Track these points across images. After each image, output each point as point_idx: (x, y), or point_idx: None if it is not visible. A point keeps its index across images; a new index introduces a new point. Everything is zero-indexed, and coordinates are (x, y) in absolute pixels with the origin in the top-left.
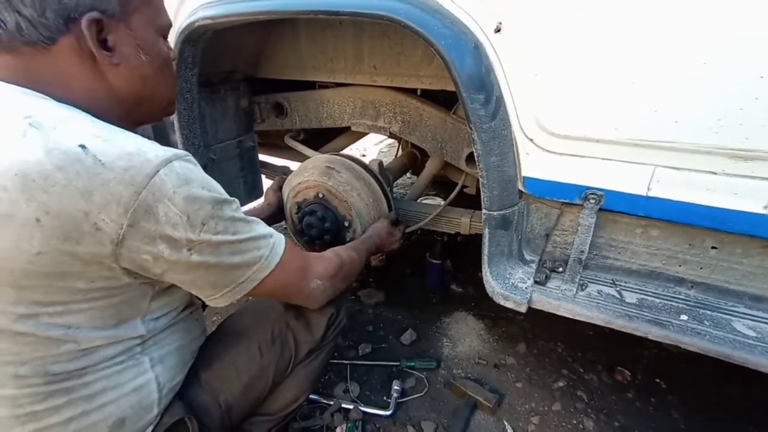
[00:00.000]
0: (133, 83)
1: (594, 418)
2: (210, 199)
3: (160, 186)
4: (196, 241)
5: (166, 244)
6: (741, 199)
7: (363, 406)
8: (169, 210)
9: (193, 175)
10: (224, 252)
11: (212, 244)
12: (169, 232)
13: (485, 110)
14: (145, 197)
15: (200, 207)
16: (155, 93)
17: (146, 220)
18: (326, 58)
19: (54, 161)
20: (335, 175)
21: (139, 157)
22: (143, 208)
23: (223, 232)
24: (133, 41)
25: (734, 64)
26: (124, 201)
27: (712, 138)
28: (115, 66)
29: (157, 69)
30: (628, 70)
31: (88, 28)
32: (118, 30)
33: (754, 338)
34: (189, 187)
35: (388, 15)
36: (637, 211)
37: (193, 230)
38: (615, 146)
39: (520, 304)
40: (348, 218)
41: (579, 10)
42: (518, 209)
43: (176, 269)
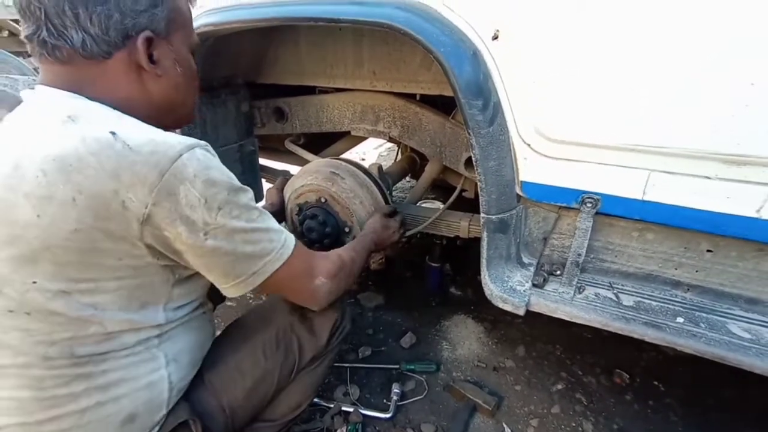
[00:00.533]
0: (168, 92)
1: (593, 420)
2: (227, 185)
3: (182, 169)
4: (212, 225)
5: (185, 225)
6: (734, 203)
7: (363, 408)
8: (189, 192)
9: (212, 162)
10: (238, 240)
11: (227, 230)
12: (188, 213)
13: (483, 116)
14: (168, 179)
15: (218, 191)
16: (184, 101)
17: (168, 200)
18: (326, 64)
19: (88, 147)
20: (339, 181)
21: (164, 144)
22: (166, 189)
23: (238, 217)
24: (172, 56)
25: (726, 71)
26: (150, 182)
27: (705, 143)
28: (158, 77)
29: (188, 80)
30: (624, 76)
31: (142, 45)
32: (162, 47)
33: (749, 340)
34: (208, 172)
35: (388, 23)
36: (633, 215)
37: (210, 213)
38: (611, 151)
39: (519, 307)
40: (349, 224)
41: (575, 18)
42: (516, 213)
43: (193, 252)
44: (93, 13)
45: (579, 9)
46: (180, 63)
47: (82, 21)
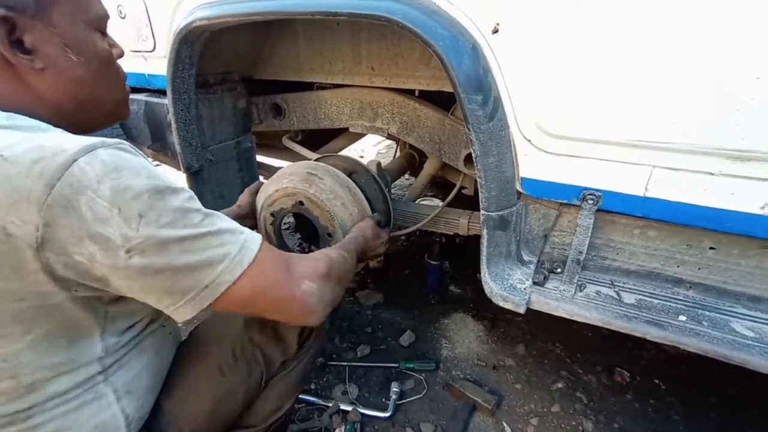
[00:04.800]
0: (65, 88)
1: (593, 419)
2: (147, 187)
3: (79, 176)
4: (135, 239)
5: (97, 245)
6: (738, 199)
7: (361, 407)
8: (94, 203)
9: (124, 162)
10: (174, 250)
11: (156, 242)
12: (98, 229)
13: (483, 111)
14: (61, 190)
15: (135, 196)
16: (96, 96)
17: (66, 216)
18: (324, 59)
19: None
20: (317, 182)
21: (53, 149)
22: (60, 203)
23: (170, 225)
24: (57, 40)
25: (731, 65)
26: (35, 197)
27: (709, 139)
28: (39, 71)
29: (95, 69)
30: (626, 70)
31: (5, 26)
32: (35, 29)
33: (753, 339)
34: (118, 174)
35: (386, 16)
36: (635, 212)
37: (128, 225)
38: (613, 147)
39: (519, 305)
40: (330, 229)
41: (576, 11)
42: (516, 210)
43: (118, 275)
44: None
45: (580, 2)
46: (73, 48)
47: None
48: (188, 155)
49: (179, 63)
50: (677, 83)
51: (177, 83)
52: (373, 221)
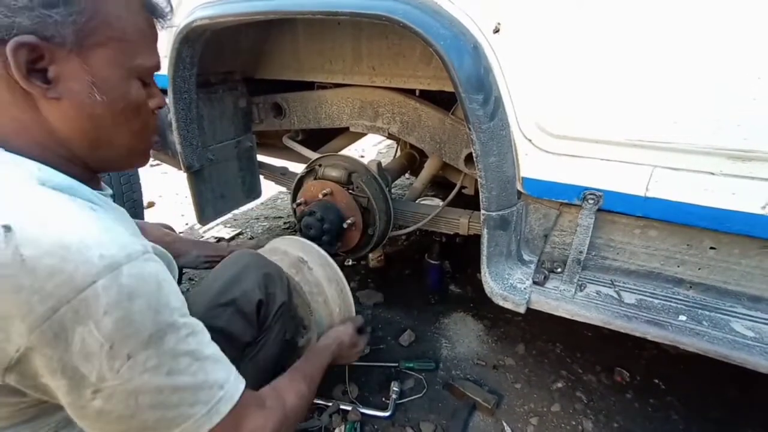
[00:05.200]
0: (78, 122)
1: (593, 419)
2: (153, 323)
3: (90, 303)
4: (109, 381)
5: (67, 380)
6: (739, 199)
7: (361, 407)
8: (90, 336)
9: (141, 288)
10: (143, 403)
11: (130, 389)
12: (77, 363)
13: (484, 111)
14: (62, 316)
15: (135, 332)
16: (111, 139)
17: (53, 346)
18: (325, 59)
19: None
20: (305, 271)
21: (76, 257)
22: (54, 330)
23: (153, 369)
24: (87, 77)
25: (732, 65)
26: (33, 317)
27: (710, 138)
28: (54, 100)
29: (118, 113)
30: (627, 70)
31: (12, 53)
32: (67, 62)
33: (753, 338)
34: (129, 305)
35: (387, 15)
36: (635, 212)
37: (111, 364)
38: (613, 147)
39: (519, 305)
40: (306, 322)
41: (577, 11)
42: (517, 210)
43: (72, 412)
44: None
45: (581, 2)
46: (101, 88)
47: None
48: (189, 155)
49: (180, 63)
50: (678, 83)
51: (178, 83)
52: (354, 327)
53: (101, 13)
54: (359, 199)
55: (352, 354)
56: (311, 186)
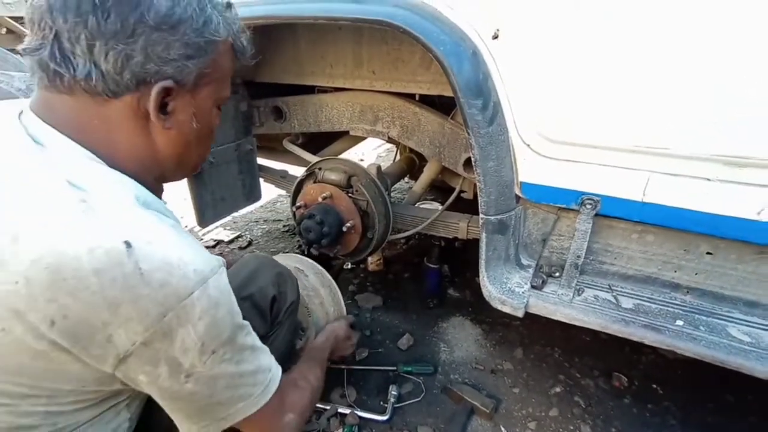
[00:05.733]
0: (176, 148)
1: (591, 423)
2: (230, 327)
3: (189, 310)
4: (199, 369)
5: (168, 368)
6: (735, 205)
7: (359, 410)
8: (188, 336)
9: (222, 297)
10: (220, 384)
11: (212, 375)
12: (177, 355)
13: (483, 116)
14: (170, 320)
15: (218, 334)
16: (191, 156)
17: (161, 341)
18: (325, 63)
19: (94, 263)
20: (302, 278)
21: (179, 270)
22: (162, 330)
23: (228, 361)
24: (191, 110)
25: (729, 72)
26: (148, 321)
27: (706, 144)
28: (166, 129)
29: (203, 136)
30: (624, 76)
31: (157, 94)
32: (183, 98)
33: (749, 344)
34: (215, 312)
35: (388, 21)
36: (633, 217)
37: (201, 357)
38: (611, 152)
39: (517, 309)
40: (305, 324)
41: (575, 18)
42: (515, 214)
43: (165, 392)
44: (111, 49)
45: (578, 9)
46: (198, 118)
47: (95, 54)
48: None
49: None
50: (675, 90)
51: None
52: (347, 323)
53: (215, 60)
54: (359, 203)
55: (347, 346)
56: (311, 189)
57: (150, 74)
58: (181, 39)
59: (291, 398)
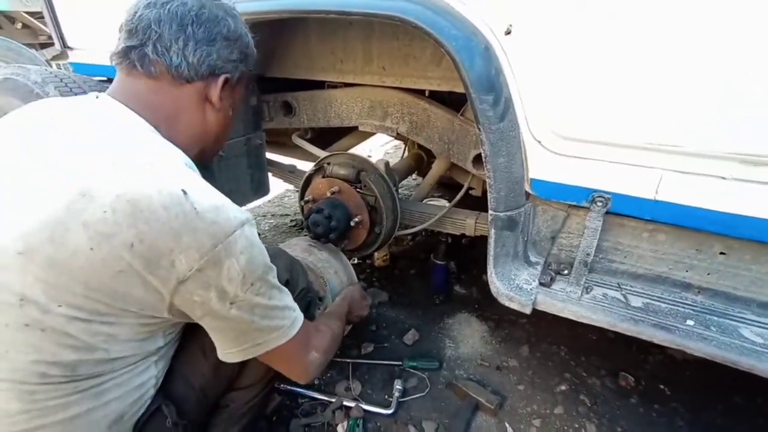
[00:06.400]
0: (218, 127)
1: (596, 422)
2: (263, 265)
3: (233, 244)
4: (241, 297)
5: (217, 293)
6: (750, 204)
7: (364, 404)
8: (232, 267)
9: (255, 240)
10: (257, 313)
11: (251, 304)
12: (224, 284)
13: (494, 111)
14: (220, 251)
15: (255, 269)
16: (220, 140)
17: (213, 269)
18: (336, 59)
19: (162, 200)
20: (316, 252)
21: (224, 214)
22: (214, 259)
23: (262, 294)
24: (230, 101)
25: (745, 68)
26: (204, 249)
27: (721, 142)
28: (216, 111)
29: (229, 123)
30: (638, 73)
31: (223, 82)
32: (230, 90)
33: (762, 345)
34: (252, 250)
35: (399, 16)
36: (644, 215)
37: (243, 287)
38: (623, 149)
39: (525, 306)
40: (322, 293)
41: (589, 14)
42: (525, 211)
43: (213, 315)
44: (198, 48)
45: (590, 5)
46: (233, 106)
47: (187, 51)
48: None
49: None
50: (689, 86)
51: None
52: (360, 286)
53: (248, 67)
54: (367, 198)
55: (364, 306)
56: (319, 184)
57: (218, 68)
58: (239, 48)
59: (314, 339)
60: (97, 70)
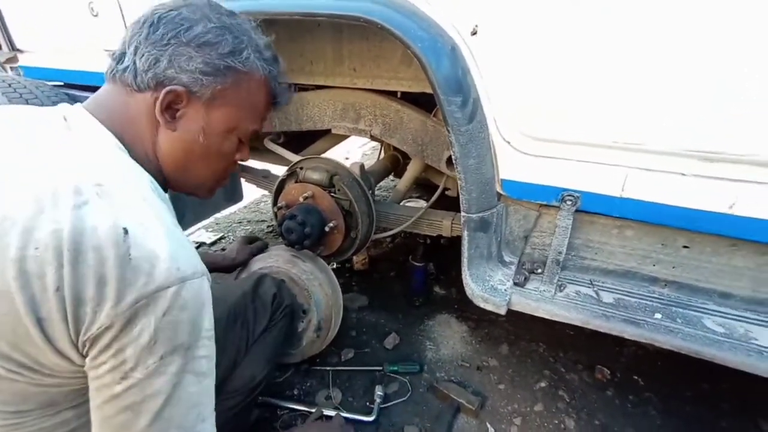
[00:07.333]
0: (176, 152)
1: (575, 417)
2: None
3: (158, 301)
4: (137, 373)
5: (113, 360)
6: (708, 199)
7: (345, 412)
8: (145, 328)
9: (194, 303)
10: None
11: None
12: (127, 348)
13: (462, 113)
14: (139, 308)
15: (174, 336)
16: (194, 172)
17: (123, 329)
18: (305, 60)
19: (94, 240)
20: (300, 263)
21: (163, 265)
22: (128, 317)
23: (170, 374)
24: (200, 123)
25: (701, 69)
26: (122, 306)
27: (681, 140)
28: (170, 131)
29: (208, 155)
30: (601, 73)
31: (164, 95)
32: (195, 108)
33: (723, 334)
34: (180, 314)
35: (365, 17)
36: (612, 212)
37: (146, 357)
38: (590, 148)
39: (500, 306)
40: (306, 306)
41: (553, 15)
42: (497, 211)
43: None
44: (146, 51)
45: (555, 5)
46: (206, 134)
47: (137, 53)
48: None
49: None
50: (650, 86)
51: None
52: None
53: (237, 88)
54: (341, 202)
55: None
56: (292, 189)
57: (168, 78)
58: (203, 57)
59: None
60: (49, 73)
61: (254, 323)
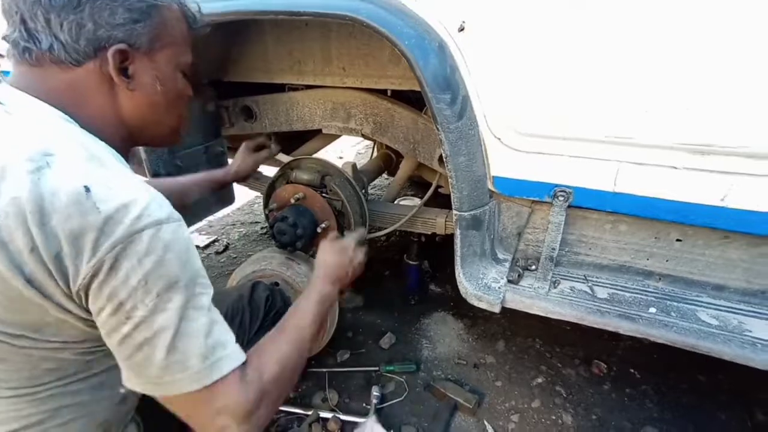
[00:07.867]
0: (141, 110)
1: (572, 412)
2: (180, 271)
3: (136, 244)
4: (140, 311)
5: (111, 304)
6: (700, 192)
7: (342, 414)
8: (133, 271)
9: (174, 244)
10: (160, 340)
11: (154, 324)
12: (120, 292)
13: (451, 110)
14: (118, 252)
15: (166, 275)
16: (161, 120)
17: (109, 273)
18: (294, 60)
19: (55, 201)
20: (294, 266)
21: (134, 211)
22: (110, 262)
23: (172, 309)
24: (152, 73)
25: (689, 62)
26: (100, 253)
27: (672, 133)
28: (130, 91)
29: (171, 100)
30: (591, 67)
31: (112, 57)
32: (141, 61)
33: (717, 327)
34: (165, 254)
35: (351, 15)
36: (605, 207)
37: (144, 297)
38: (581, 143)
39: (494, 305)
40: None
41: (540, 10)
42: (489, 209)
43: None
44: (65, 20)
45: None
46: (162, 81)
47: (53, 26)
48: (154, 161)
49: None
50: (641, 80)
51: None
52: (330, 240)
53: (165, 25)
54: (333, 203)
55: (350, 266)
56: (283, 190)
57: (103, 39)
58: (122, 4)
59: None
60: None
61: (249, 324)
